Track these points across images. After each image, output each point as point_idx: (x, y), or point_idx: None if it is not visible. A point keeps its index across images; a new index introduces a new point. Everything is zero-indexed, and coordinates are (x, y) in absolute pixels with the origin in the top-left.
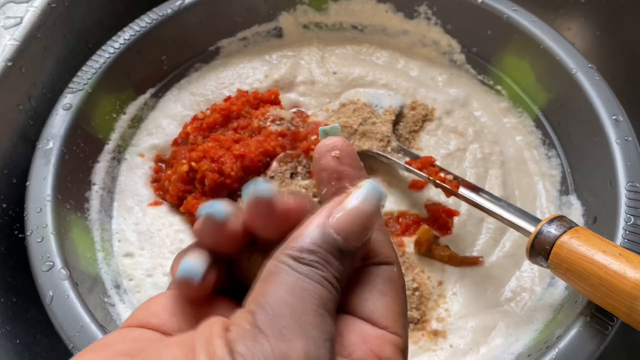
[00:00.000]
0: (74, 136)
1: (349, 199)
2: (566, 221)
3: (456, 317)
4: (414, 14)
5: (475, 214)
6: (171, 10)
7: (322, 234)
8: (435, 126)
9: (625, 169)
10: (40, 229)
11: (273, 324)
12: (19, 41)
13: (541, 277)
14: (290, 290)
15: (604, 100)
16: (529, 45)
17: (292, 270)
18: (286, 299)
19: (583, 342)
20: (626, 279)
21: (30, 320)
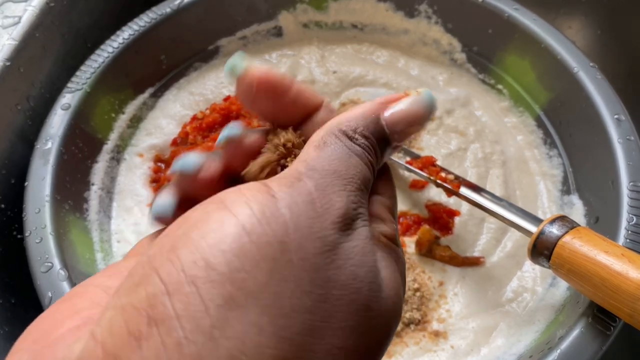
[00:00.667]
0: (72, 136)
1: (407, 99)
2: (568, 221)
3: (457, 318)
4: (415, 12)
5: (476, 214)
6: (170, 10)
7: (375, 124)
8: (436, 125)
9: (627, 168)
10: (38, 229)
11: (319, 178)
12: (17, 41)
13: (543, 277)
14: (342, 160)
15: (606, 100)
16: (530, 44)
17: (345, 146)
18: (336, 166)
19: (585, 343)
20: (629, 279)
21: (29, 321)
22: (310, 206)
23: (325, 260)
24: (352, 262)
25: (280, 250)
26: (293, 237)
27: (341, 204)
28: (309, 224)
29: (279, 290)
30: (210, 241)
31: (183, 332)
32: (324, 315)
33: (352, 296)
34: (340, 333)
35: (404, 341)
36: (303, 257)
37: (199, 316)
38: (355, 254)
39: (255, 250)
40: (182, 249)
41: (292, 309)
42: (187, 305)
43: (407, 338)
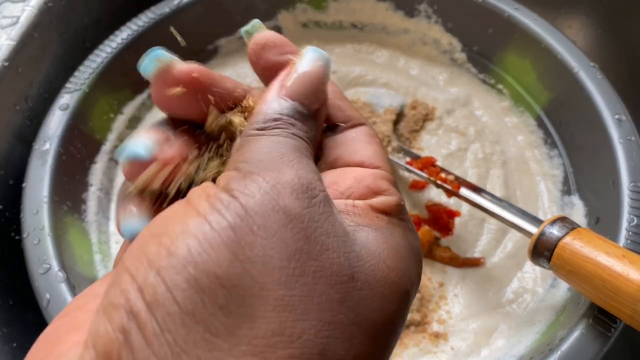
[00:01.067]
0: (71, 137)
1: (294, 67)
2: (568, 222)
3: (457, 319)
4: (414, 12)
5: (477, 214)
6: (169, 10)
7: (279, 103)
8: (436, 126)
9: (628, 168)
10: (37, 230)
11: (258, 166)
12: (15, 41)
13: (543, 278)
14: (267, 146)
15: (607, 100)
16: (530, 43)
17: (262, 136)
18: (265, 151)
19: (586, 345)
20: (629, 280)
21: (28, 322)
22: (267, 188)
23: (292, 233)
24: (320, 231)
25: (241, 232)
26: (253, 217)
27: (289, 175)
28: (268, 200)
29: (243, 272)
30: (171, 233)
31: (156, 321)
32: (303, 290)
33: (331, 268)
34: (327, 307)
35: (404, 343)
36: (266, 234)
37: (167, 303)
38: (322, 223)
39: (215, 234)
40: (148, 245)
41: (262, 287)
42: (155, 295)
43: (407, 339)
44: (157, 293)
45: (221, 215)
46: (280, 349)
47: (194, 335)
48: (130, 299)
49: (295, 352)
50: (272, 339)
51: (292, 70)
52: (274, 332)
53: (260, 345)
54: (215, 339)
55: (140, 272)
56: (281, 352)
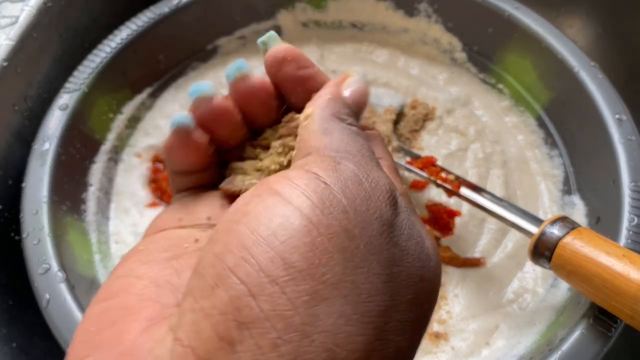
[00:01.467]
0: (70, 137)
1: (351, 80)
2: (569, 222)
3: (458, 319)
4: (414, 11)
5: (477, 214)
6: (168, 9)
7: (343, 105)
8: (436, 125)
9: (628, 168)
10: (36, 231)
11: (353, 158)
12: (14, 41)
13: (543, 278)
14: (353, 141)
15: (607, 99)
16: (530, 43)
17: (347, 129)
18: (353, 147)
19: (586, 345)
20: (630, 280)
21: (27, 323)
22: (361, 187)
23: (385, 240)
24: (403, 237)
25: (347, 239)
26: (355, 222)
27: (384, 180)
28: (365, 206)
29: (354, 279)
30: (281, 238)
31: (276, 332)
32: (392, 294)
33: (408, 270)
34: (403, 307)
35: None
36: (367, 241)
37: (288, 315)
38: (404, 228)
39: (327, 242)
40: (254, 247)
41: (369, 294)
42: (274, 305)
43: None
44: (277, 304)
45: (326, 218)
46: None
47: (316, 346)
48: (241, 308)
49: (382, 352)
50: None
51: (349, 82)
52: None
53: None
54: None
55: (253, 278)
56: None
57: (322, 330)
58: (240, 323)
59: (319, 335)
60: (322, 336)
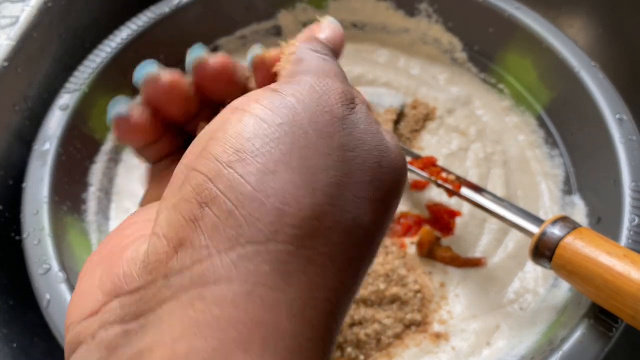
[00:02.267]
0: (70, 137)
1: (323, 24)
2: (570, 222)
3: (458, 319)
4: (415, 11)
5: (478, 214)
6: (168, 9)
7: (319, 42)
8: (436, 125)
9: (629, 168)
10: (37, 231)
11: (313, 73)
12: (14, 41)
13: (544, 278)
14: (322, 65)
15: (608, 99)
16: (531, 43)
17: (319, 57)
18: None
19: (587, 345)
20: (631, 280)
21: (27, 323)
22: (313, 91)
23: (336, 129)
24: (358, 130)
25: (295, 126)
26: (303, 115)
27: (338, 85)
28: (315, 103)
29: (302, 154)
30: (233, 133)
31: (231, 202)
32: (345, 172)
33: (364, 156)
34: (360, 186)
35: (404, 343)
36: (315, 128)
37: (241, 188)
38: (360, 124)
39: (274, 130)
40: (211, 147)
41: (317, 168)
42: (229, 182)
43: (408, 340)
44: (230, 180)
45: (274, 113)
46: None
47: (266, 207)
48: (202, 191)
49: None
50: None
51: (321, 27)
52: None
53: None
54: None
55: (211, 167)
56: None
57: (272, 194)
58: (201, 203)
59: (269, 198)
60: (271, 198)
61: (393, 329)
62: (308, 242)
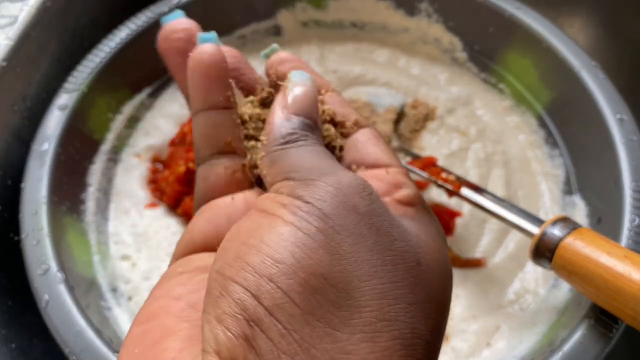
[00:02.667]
0: (69, 137)
1: (287, 90)
2: (570, 222)
3: (458, 320)
4: (415, 11)
5: (478, 214)
6: (168, 9)
7: (289, 121)
8: (437, 125)
9: (630, 168)
10: (35, 231)
11: (312, 173)
12: (13, 41)
13: (545, 279)
14: (303, 155)
15: (609, 99)
16: (531, 43)
17: (291, 148)
18: (306, 159)
19: (587, 345)
20: (631, 281)
21: (26, 324)
22: (333, 191)
23: (367, 228)
24: (385, 223)
25: (328, 233)
26: (333, 219)
27: (347, 177)
28: (339, 203)
29: (342, 269)
30: (269, 242)
31: (281, 324)
32: (390, 277)
33: (400, 255)
34: (407, 290)
35: None
36: (348, 232)
37: (287, 307)
38: (385, 217)
39: (309, 239)
40: (248, 255)
41: (359, 280)
42: (273, 300)
43: None
44: (275, 298)
45: (307, 221)
46: (385, 332)
47: (317, 331)
48: (247, 307)
49: (396, 334)
50: (378, 325)
51: (288, 93)
52: (378, 318)
53: (371, 331)
54: (335, 331)
55: (250, 280)
56: (386, 335)
57: (320, 316)
58: (249, 321)
59: (318, 322)
60: (320, 322)
61: None
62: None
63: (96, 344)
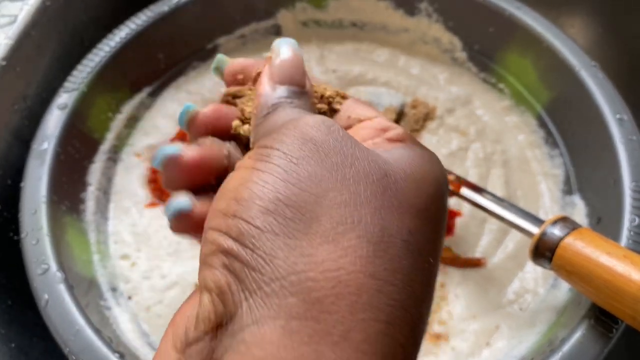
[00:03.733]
0: (69, 136)
1: (272, 59)
2: (570, 222)
3: (458, 320)
4: (415, 11)
5: (478, 214)
6: (168, 8)
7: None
8: (436, 125)
9: (629, 168)
10: (35, 231)
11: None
12: (13, 40)
13: (544, 279)
14: (279, 117)
15: (608, 99)
16: (531, 43)
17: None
18: (279, 120)
19: (587, 345)
20: (631, 281)
21: (26, 323)
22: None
23: (324, 153)
24: (346, 148)
25: (285, 166)
26: (290, 153)
27: (307, 118)
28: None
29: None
30: (232, 189)
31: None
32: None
33: (363, 170)
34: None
35: None
36: (306, 160)
37: (251, 232)
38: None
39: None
40: (217, 205)
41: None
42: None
43: None
44: (239, 229)
45: (266, 162)
46: (347, 233)
47: (278, 243)
48: (220, 244)
49: (361, 232)
50: (339, 228)
51: (272, 63)
52: (339, 222)
53: (331, 235)
54: (296, 240)
55: (221, 223)
56: (349, 235)
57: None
58: (224, 253)
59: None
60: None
61: None
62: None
63: (96, 344)
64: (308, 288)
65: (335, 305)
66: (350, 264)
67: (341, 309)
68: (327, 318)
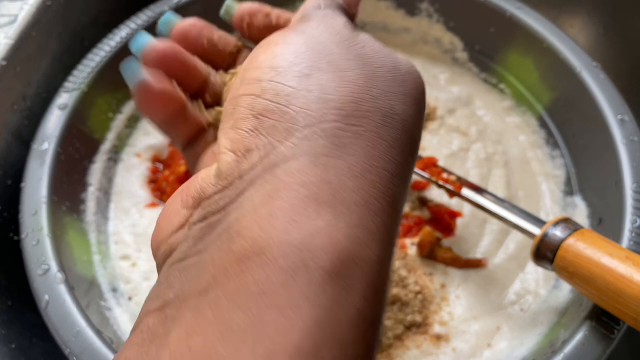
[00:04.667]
0: (69, 136)
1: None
2: (571, 223)
3: (459, 321)
4: (416, 11)
5: (479, 215)
6: (168, 8)
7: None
8: (437, 125)
9: (631, 169)
10: (35, 231)
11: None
12: (13, 40)
13: (545, 279)
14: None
15: (609, 100)
16: (532, 43)
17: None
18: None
19: (589, 347)
20: (633, 282)
21: (26, 324)
22: (319, 23)
23: (350, 44)
24: (369, 46)
25: (315, 42)
26: (320, 36)
27: (341, 18)
28: (325, 30)
29: (329, 60)
30: (264, 59)
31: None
32: (368, 72)
33: (380, 62)
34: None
35: (405, 344)
36: (333, 41)
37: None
38: (369, 42)
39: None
40: (249, 74)
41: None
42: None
43: (409, 341)
44: (275, 89)
45: (295, 34)
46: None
47: (311, 98)
48: (254, 105)
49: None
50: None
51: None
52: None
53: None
54: (327, 95)
55: (256, 88)
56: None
57: (313, 89)
58: (256, 115)
59: (311, 92)
60: (314, 92)
61: (393, 330)
62: (353, 120)
63: (96, 344)
64: (335, 134)
65: (356, 150)
66: (368, 124)
67: (360, 155)
68: (350, 159)
